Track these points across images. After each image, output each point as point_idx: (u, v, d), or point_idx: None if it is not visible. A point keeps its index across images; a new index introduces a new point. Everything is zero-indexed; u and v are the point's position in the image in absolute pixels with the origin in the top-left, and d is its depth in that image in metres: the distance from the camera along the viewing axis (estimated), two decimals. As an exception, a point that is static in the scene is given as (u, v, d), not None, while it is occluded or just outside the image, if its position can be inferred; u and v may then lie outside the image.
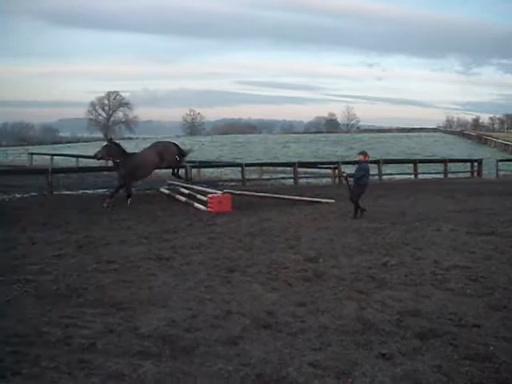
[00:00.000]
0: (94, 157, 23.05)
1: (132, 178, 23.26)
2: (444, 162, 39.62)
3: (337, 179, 32.94)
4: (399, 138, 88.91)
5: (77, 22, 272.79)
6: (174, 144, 26.37)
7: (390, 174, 36.15)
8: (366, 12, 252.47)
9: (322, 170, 36.60)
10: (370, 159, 21.28)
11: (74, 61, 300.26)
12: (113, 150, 22.90)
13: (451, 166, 39.48)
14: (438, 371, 6.48)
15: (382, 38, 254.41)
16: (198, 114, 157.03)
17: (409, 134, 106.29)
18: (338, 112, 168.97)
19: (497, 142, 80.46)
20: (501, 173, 40.30)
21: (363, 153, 19.28)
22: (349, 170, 35.25)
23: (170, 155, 24.93)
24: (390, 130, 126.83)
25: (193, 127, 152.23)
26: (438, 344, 7.31)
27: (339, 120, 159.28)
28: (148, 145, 25.73)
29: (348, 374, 6.37)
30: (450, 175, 37.93)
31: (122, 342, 7.34)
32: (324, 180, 35.17)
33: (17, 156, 62.93)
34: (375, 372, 6.42)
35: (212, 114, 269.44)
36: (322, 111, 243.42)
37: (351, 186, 18.86)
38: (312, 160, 46.95)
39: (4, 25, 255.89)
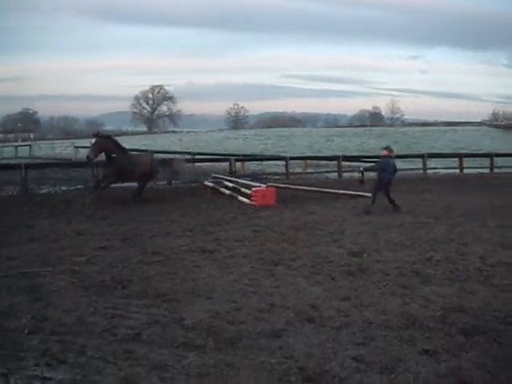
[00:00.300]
0: (88, 159, 20.50)
1: (123, 176, 21.39)
2: (490, 156, 38.92)
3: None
4: (444, 131, 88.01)
5: (121, 17, 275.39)
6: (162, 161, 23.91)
7: (435, 168, 35.72)
8: (410, 4, 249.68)
9: (367, 164, 36.34)
10: (415, 153, 21.09)
11: (118, 55, 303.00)
12: (103, 144, 20.69)
13: (497, 161, 38.85)
14: (483, 369, 6.42)
15: (427, 30, 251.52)
16: (242, 107, 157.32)
17: (454, 127, 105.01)
18: (383, 105, 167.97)
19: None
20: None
21: (388, 148, 19.15)
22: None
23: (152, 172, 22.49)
24: (434, 124, 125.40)
25: (237, 121, 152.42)
26: (483, 341, 7.24)
27: (383, 113, 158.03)
28: (191, 138, 25.40)
29: (391, 369, 6.35)
30: (496, 170, 37.35)
31: (167, 333, 7.41)
32: (368, 174, 34.96)
33: (63, 149, 63.71)
34: (419, 368, 6.39)
35: (256, 107, 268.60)
36: (366, 104, 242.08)
37: (376, 181, 18.82)
38: (356, 154, 46.65)
39: (48, 21, 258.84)
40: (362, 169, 20.19)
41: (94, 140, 20.45)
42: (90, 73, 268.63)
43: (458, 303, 8.69)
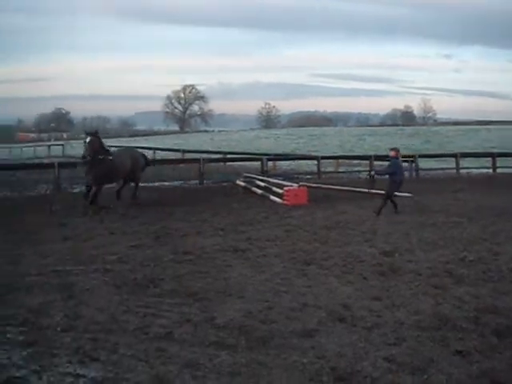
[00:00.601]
0: (83, 158, 18.79)
1: (107, 180, 19.47)
2: (524, 156, 38.45)
3: (413, 173, 32.50)
4: (477, 130, 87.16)
5: (154, 17, 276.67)
6: (143, 155, 22.94)
7: (468, 168, 35.40)
8: (444, 1, 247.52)
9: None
10: (448, 153, 20.79)
11: (150, 55, 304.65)
12: (98, 144, 18.98)
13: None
14: (516, 370, 6.37)
15: (459, 28, 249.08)
16: (273, 107, 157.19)
17: (487, 126, 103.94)
18: (415, 104, 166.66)
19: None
20: None
21: (395, 149, 18.73)
22: (426, 163, 34.92)
23: (138, 168, 21.36)
24: (467, 123, 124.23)
25: (268, 120, 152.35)
26: (517, 342, 7.18)
27: (415, 113, 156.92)
28: (223, 138, 25.24)
29: (423, 370, 6.31)
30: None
31: (198, 331, 7.44)
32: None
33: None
34: (451, 369, 6.34)
35: (287, 106, 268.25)
36: (397, 104, 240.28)
37: (390, 184, 18.13)
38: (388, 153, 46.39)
39: (82, 22, 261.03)
40: (373, 173, 19.81)
41: (88, 138, 18.30)
42: (123, 73, 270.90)
43: (492, 304, 8.62)
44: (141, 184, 26.58)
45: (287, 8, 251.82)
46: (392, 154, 18.35)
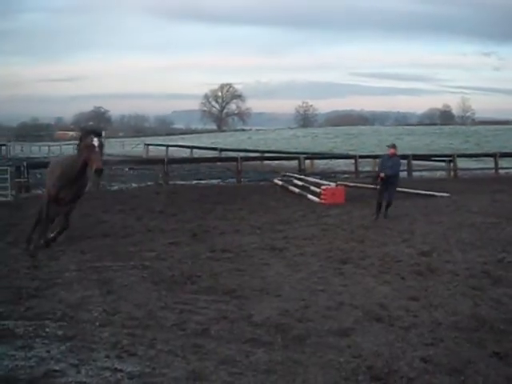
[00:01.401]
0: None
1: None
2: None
3: (452, 173, 32.28)
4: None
5: (190, 16, 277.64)
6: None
7: (507, 168, 35.01)
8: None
9: (437, 163, 35.83)
10: (486, 152, 20.17)
11: (187, 54, 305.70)
12: None
13: None
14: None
15: (499, 25, 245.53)
16: (311, 105, 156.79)
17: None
18: (453, 103, 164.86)
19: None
20: None
21: (395, 146, 17.73)
22: (465, 163, 34.58)
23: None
24: (506, 122, 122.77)
25: (305, 119, 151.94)
26: (557, 344, 7.11)
27: (454, 112, 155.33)
28: (260, 137, 24.98)
29: (460, 371, 6.27)
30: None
31: (235, 328, 7.49)
32: (438, 173, 34.48)
33: (133, 147, 64.71)
34: (489, 371, 6.29)
35: (324, 105, 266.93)
36: (436, 103, 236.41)
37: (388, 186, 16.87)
38: (426, 153, 46.01)
39: (121, 21, 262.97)
40: (383, 175, 16.94)
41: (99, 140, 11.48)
42: (160, 71, 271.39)
43: (531, 305, 8.54)
44: (180, 182, 26.65)
45: (324, 7, 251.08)
46: (392, 151, 17.43)
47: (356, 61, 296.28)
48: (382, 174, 16.50)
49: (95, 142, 11.22)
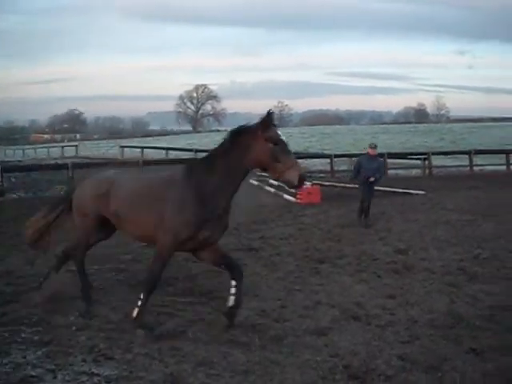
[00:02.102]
0: None
1: None
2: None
3: (427, 171, 32.47)
4: (491, 128, 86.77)
5: (165, 18, 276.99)
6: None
7: (482, 165, 35.25)
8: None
9: (412, 161, 35.99)
10: (461, 150, 20.11)
11: (162, 55, 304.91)
12: None
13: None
14: (532, 367, 6.36)
15: (474, 24, 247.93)
16: (286, 105, 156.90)
17: (501, 123, 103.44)
18: (428, 102, 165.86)
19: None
20: None
21: (376, 146, 16.87)
22: (439, 161, 34.77)
23: None
24: (481, 120, 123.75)
25: (281, 119, 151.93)
26: (533, 340, 7.17)
27: (429, 110, 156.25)
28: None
29: (437, 368, 6.32)
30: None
31: (212, 330, 7.46)
32: (413, 171, 34.64)
33: (108, 149, 64.41)
34: (465, 367, 6.34)
35: (300, 105, 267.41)
36: (411, 101, 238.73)
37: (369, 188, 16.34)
38: (401, 151, 46.21)
39: (97, 22, 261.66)
40: (373, 179, 16.25)
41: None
42: (135, 73, 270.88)
43: (506, 301, 8.62)
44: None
45: (301, 6, 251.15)
46: (372, 151, 17.09)
47: (333, 60, 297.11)
48: (372, 179, 16.31)
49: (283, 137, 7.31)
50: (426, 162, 33.09)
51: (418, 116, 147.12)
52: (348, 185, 23.29)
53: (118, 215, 8.07)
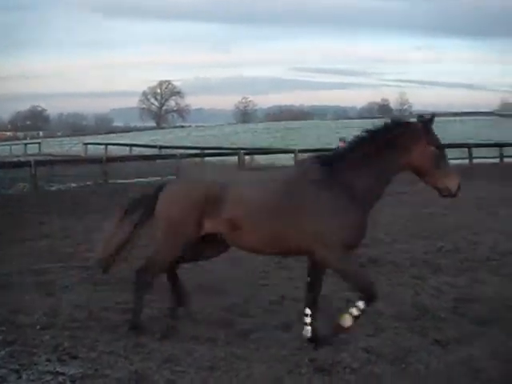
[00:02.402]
0: None
1: None
2: (500, 146, 38.78)
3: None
4: (452, 122, 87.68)
5: (130, 13, 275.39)
6: None
7: (445, 159, 35.56)
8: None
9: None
10: None
11: (126, 51, 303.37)
12: None
13: (508, 150, 38.65)
14: (494, 358, 6.45)
15: (437, 20, 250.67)
16: (250, 101, 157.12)
17: (462, 117, 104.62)
18: (391, 97, 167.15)
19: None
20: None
21: (344, 139, 17.34)
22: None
23: None
24: (443, 114, 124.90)
25: (245, 114, 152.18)
26: (494, 330, 7.28)
27: (392, 105, 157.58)
28: (200, 133, 24.70)
29: (402, 360, 6.37)
30: (506, 159, 37.23)
31: (178, 326, 7.43)
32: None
33: (72, 146, 63.94)
34: (430, 359, 6.40)
35: (265, 101, 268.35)
36: (375, 96, 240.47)
37: None
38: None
39: (57, 18, 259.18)
40: None
41: None
42: (98, 69, 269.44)
43: (469, 293, 8.75)
44: (120, 180, 26.32)
45: (267, 2, 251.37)
46: (341, 144, 17.35)
47: (297, 56, 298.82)
48: None
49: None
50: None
51: (382, 111, 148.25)
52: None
53: (238, 226, 6.88)
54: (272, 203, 6.77)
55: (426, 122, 6.78)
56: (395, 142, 6.70)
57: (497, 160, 37.32)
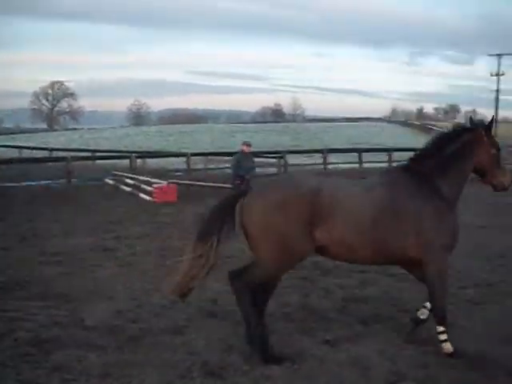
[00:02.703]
0: None
1: None
2: (388, 151, 39.98)
3: (281, 169, 33.06)
4: (344, 127, 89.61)
5: (21, 11, 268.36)
6: None
7: (336, 163, 36.40)
8: (315, 2, 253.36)
9: (268, 160, 36.59)
10: (315, 149, 20.52)
11: (17, 50, 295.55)
12: None
13: (396, 155, 39.89)
14: (382, 356, 6.64)
15: (332, 28, 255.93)
16: (144, 103, 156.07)
17: (354, 123, 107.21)
18: (285, 102, 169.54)
19: (440, 131, 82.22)
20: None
21: (247, 143, 17.53)
22: (295, 159, 35.53)
23: None
24: (335, 120, 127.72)
25: (138, 117, 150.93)
26: (382, 329, 7.49)
27: (285, 110, 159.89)
28: (92, 136, 24.46)
29: (293, 361, 6.43)
30: (395, 164, 38.33)
31: (67, 334, 7.28)
32: (270, 169, 35.24)
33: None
34: (320, 359, 6.52)
35: (159, 103, 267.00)
36: (269, 101, 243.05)
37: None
38: (257, 150, 46.97)
39: None
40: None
41: None
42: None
43: (358, 293, 8.96)
44: (8, 184, 25.61)
45: (161, 4, 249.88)
46: (244, 148, 17.48)
47: (193, 60, 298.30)
48: (248, 177, 16.39)
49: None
50: (282, 161, 33.72)
51: (275, 116, 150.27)
52: (204, 183, 23.45)
53: (346, 239, 6.58)
54: (380, 214, 6.62)
55: (488, 125, 7.19)
56: (467, 147, 7.07)
57: (386, 164, 38.36)
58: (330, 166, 35.24)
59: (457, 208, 7.07)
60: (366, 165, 36.57)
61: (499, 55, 70.20)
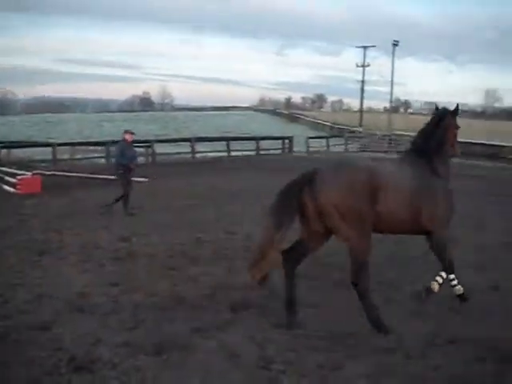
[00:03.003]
0: None
1: None
2: (256, 139, 40.54)
3: (149, 158, 32.79)
4: (213, 116, 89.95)
5: None
6: None
7: (204, 152, 36.52)
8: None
9: (137, 149, 36.25)
10: (183, 137, 20.49)
11: None
12: None
13: (263, 144, 40.51)
14: (251, 341, 6.75)
15: (203, 16, 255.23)
16: (9, 91, 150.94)
17: (223, 112, 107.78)
18: (154, 91, 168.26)
19: (307, 120, 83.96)
20: (311, 149, 41.86)
21: (130, 131, 17.22)
22: (163, 148, 35.36)
23: None
24: (204, 109, 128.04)
25: (3, 106, 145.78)
26: (251, 316, 7.62)
27: (154, 98, 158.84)
28: None
29: (163, 351, 6.42)
30: (262, 152, 38.92)
31: None
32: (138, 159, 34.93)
33: None
34: (189, 347, 6.54)
35: (25, 92, 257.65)
36: (138, 90, 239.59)
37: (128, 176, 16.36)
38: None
39: None
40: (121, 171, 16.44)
41: None
42: None
43: (226, 281, 9.05)
44: None
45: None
46: (129, 137, 16.98)
47: (64, 46, 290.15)
48: (133, 166, 16.14)
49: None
50: (149, 150, 33.48)
51: (143, 104, 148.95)
52: (70, 173, 22.99)
53: (399, 213, 7.70)
54: (414, 191, 7.76)
55: (455, 110, 8.61)
56: (447, 130, 8.47)
57: (253, 152, 38.87)
58: (198, 155, 35.29)
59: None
60: (234, 153, 36.91)
61: (365, 47, 72.07)
